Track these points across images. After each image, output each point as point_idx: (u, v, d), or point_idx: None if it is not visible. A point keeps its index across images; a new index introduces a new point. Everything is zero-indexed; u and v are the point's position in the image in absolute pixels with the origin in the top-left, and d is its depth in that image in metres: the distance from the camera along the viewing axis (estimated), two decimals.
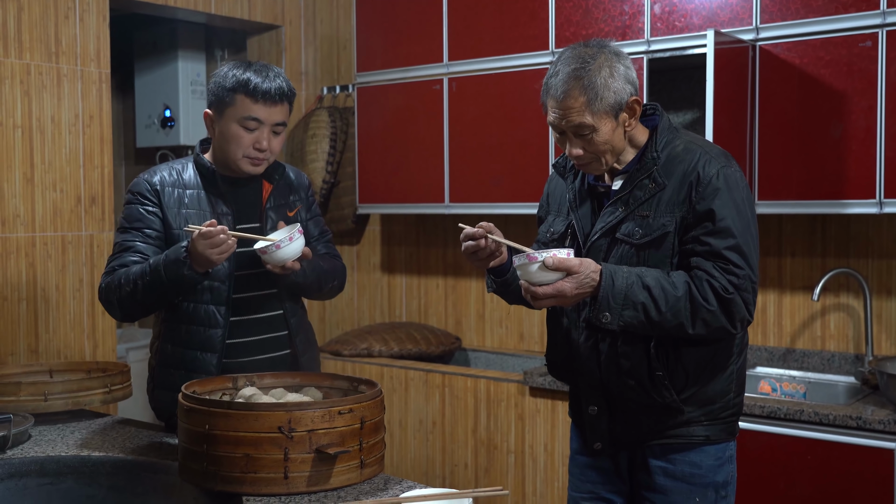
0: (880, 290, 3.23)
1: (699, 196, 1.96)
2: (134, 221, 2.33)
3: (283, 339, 2.43)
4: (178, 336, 2.34)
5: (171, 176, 2.37)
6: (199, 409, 1.78)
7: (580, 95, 1.95)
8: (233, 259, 2.31)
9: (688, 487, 2.06)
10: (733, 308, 1.92)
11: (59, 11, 3.54)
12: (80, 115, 3.61)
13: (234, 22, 4.35)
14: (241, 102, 2.25)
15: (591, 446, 2.14)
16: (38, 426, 2.36)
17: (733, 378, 2.08)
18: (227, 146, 2.30)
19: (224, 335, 2.32)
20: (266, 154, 2.31)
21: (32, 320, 3.47)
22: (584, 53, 1.98)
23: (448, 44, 3.85)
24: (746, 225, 1.97)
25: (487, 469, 3.61)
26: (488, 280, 2.20)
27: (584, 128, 1.97)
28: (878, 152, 2.91)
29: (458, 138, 3.84)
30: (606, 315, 1.91)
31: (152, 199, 2.33)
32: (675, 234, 1.98)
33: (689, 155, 2.01)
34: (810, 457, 2.80)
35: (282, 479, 1.74)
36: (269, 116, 2.28)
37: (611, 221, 2.03)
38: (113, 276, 2.29)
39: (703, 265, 1.94)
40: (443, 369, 3.77)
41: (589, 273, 1.90)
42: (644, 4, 3.32)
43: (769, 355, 3.43)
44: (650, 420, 2.06)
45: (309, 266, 2.34)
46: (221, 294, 2.31)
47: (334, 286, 2.51)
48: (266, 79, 2.26)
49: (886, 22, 2.88)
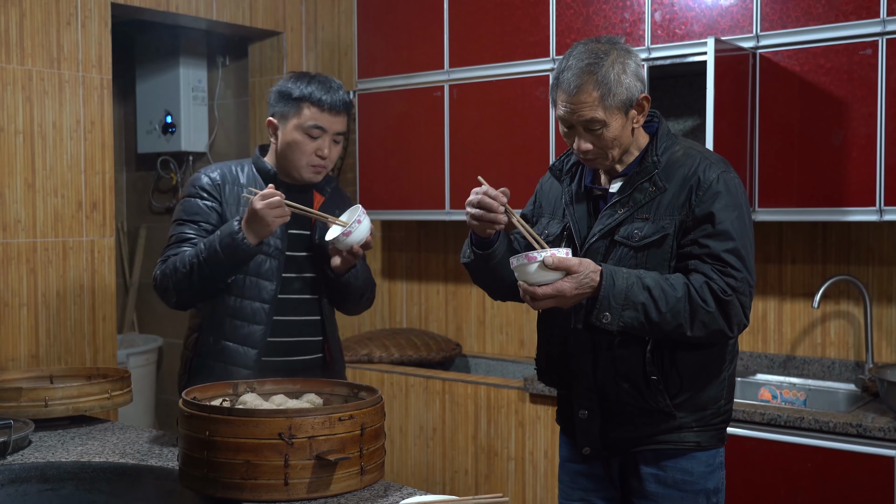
0: (881, 297, 3.23)
1: (699, 199, 1.97)
2: (192, 214, 2.42)
3: (318, 344, 2.52)
4: (221, 329, 2.42)
5: (230, 174, 2.48)
6: (200, 416, 1.78)
7: (594, 90, 1.95)
8: (281, 260, 2.42)
9: (679, 494, 2.06)
10: (731, 310, 1.93)
11: (60, 18, 3.54)
12: (81, 121, 3.61)
13: (236, 28, 4.36)
14: (306, 112, 2.39)
15: (580, 451, 2.13)
16: (39, 432, 2.36)
17: (725, 384, 2.09)
18: (292, 154, 2.42)
19: (266, 332, 2.41)
20: (326, 162, 2.44)
21: (33, 326, 3.47)
22: (596, 49, 1.99)
23: (449, 51, 3.86)
24: (745, 229, 1.99)
25: (488, 476, 3.60)
26: (467, 249, 2.16)
27: (596, 122, 1.97)
28: (878, 160, 2.91)
29: (459, 145, 3.84)
30: (606, 315, 1.91)
31: (214, 194, 2.44)
32: (674, 237, 1.98)
33: (689, 160, 2.02)
34: (810, 464, 2.80)
35: (282, 486, 1.74)
36: (332, 125, 2.42)
37: (610, 224, 2.03)
38: (167, 262, 2.38)
39: (702, 267, 1.94)
40: (443, 375, 3.77)
41: (588, 273, 1.90)
42: (645, 12, 3.33)
43: (769, 362, 3.43)
44: (642, 425, 2.06)
45: (361, 266, 2.45)
46: (268, 292, 2.40)
47: (368, 299, 2.59)
48: (330, 90, 2.41)
49: (886, 30, 2.88)
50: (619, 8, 3.38)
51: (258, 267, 2.40)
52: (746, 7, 3.12)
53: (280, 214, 2.24)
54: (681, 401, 2.03)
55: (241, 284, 2.40)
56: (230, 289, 2.40)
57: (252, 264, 2.38)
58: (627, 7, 3.36)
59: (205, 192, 2.43)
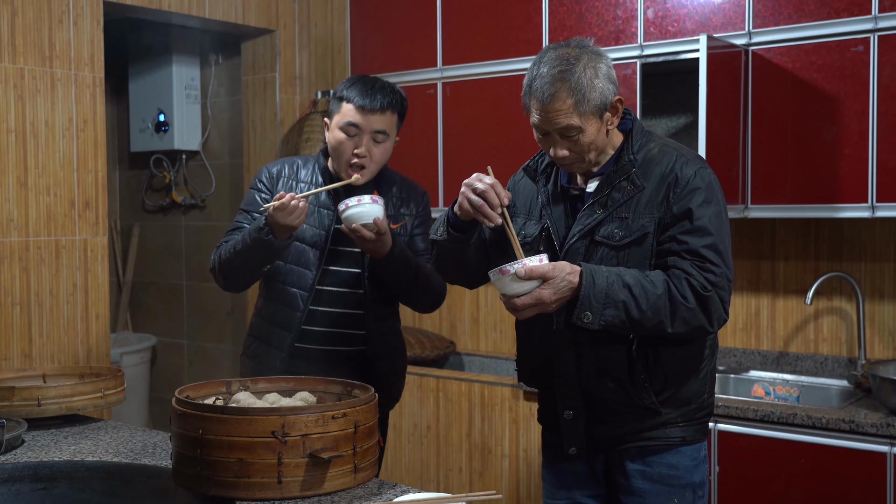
0: (873, 293, 3.24)
1: (677, 196, 1.98)
2: (247, 205, 2.58)
3: (359, 337, 2.54)
4: (266, 311, 2.58)
5: (290, 168, 2.60)
6: (193, 414, 1.78)
7: (568, 98, 1.95)
8: (323, 251, 2.51)
9: (666, 489, 2.07)
10: (711, 306, 1.94)
11: (53, 15, 3.53)
12: (73, 120, 3.60)
13: (229, 26, 4.35)
14: (343, 109, 2.47)
15: (566, 451, 2.13)
16: (32, 431, 2.35)
17: (707, 378, 2.11)
18: (334, 152, 2.51)
19: (301, 319, 2.50)
20: (366, 161, 2.48)
21: (26, 325, 3.46)
22: (567, 54, 1.98)
23: (442, 48, 3.85)
24: (722, 224, 2.00)
25: (482, 473, 3.61)
26: (440, 227, 2.15)
27: (572, 129, 1.97)
28: (870, 156, 2.92)
29: (452, 142, 3.84)
30: (588, 314, 1.91)
31: (268, 187, 2.57)
32: (654, 235, 2.00)
33: (665, 157, 2.03)
34: (803, 460, 2.81)
35: (275, 484, 1.74)
36: (369, 124, 2.46)
37: (589, 224, 2.03)
38: (219, 248, 2.53)
39: (681, 264, 1.95)
40: (437, 373, 3.77)
41: (565, 276, 1.90)
42: (637, 9, 3.33)
43: (762, 359, 3.44)
44: (628, 422, 2.06)
45: (399, 253, 2.44)
46: (307, 280, 2.50)
47: (427, 294, 2.59)
48: (371, 89, 2.47)
49: (878, 27, 2.89)
50: (612, 5, 3.38)
51: (299, 255, 2.51)
52: (739, 4, 3.13)
53: (297, 216, 2.32)
54: (666, 397, 2.04)
55: (284, 270, 2.52)
56: (274, 274, 2.53)
57: (294, 252, 2.50)
58: (620, 4, 3.36)
59: (261, 184, 2.58)
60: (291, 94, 4.59)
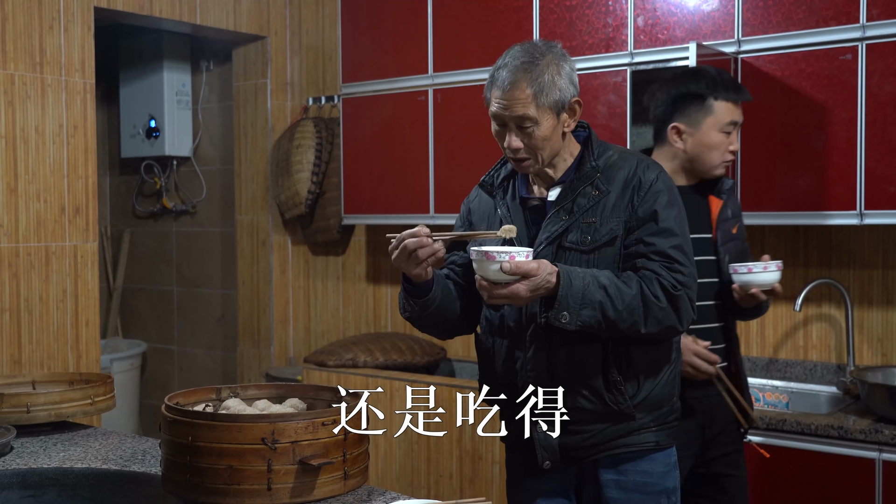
0: (861, 300, 3.26)
1: (641, 199, 2.02)
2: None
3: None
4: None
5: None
6: (183, 421, 1.78)
7: (527, 87, 1.98)
8: None
9: (641, 497, 2.07)
10: (681, 305, 1.98)
11: (43, 21, 3.53)
12: (64, 126, 3.60)
13: (220, 32, 4.36)
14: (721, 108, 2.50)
15: (540, 464, 2.09)
16: (21, 438, 2.34)
17: (676, 380, 2.13)
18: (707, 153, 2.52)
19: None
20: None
21: (15, 331, 3.45)
22: (533, 50, 2.02)
23: (433, 55, 3.86)
24: (684, 226, 2.06)
25: (472, 479, 3.61)
26: (404, 303, 2.10)
27: (527, 120, 2.00)
28: (858, 164, 2.93)
29: (443, 149, 3.85)
30: (565, 315, 1.93)
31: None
32: (622, 238, 2.03)
33: (626, 163, 2.07)
34: (793, 466, 2.82)
35: (265, 491, 1.74)
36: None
37: (556, 230, 2.04)
38: None
39: (650, 265, 1.99)
40: (428, 380, 3.77)
41: (545, 276, 1.92)
42: (627, 17, 3.34)
43: (752, 365, 3.45)
44: (602, 430, 2.06)
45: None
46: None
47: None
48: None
49: (866, 35, 2.91)
50: (602, 13, 3.40)
51: None
52: (728, 12, 3.15)
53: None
54: (639, 401, 2.05)
55: None
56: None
57: None
58: (610, 12, 3.38)
59: None
60: (283, 101, 4.59)
